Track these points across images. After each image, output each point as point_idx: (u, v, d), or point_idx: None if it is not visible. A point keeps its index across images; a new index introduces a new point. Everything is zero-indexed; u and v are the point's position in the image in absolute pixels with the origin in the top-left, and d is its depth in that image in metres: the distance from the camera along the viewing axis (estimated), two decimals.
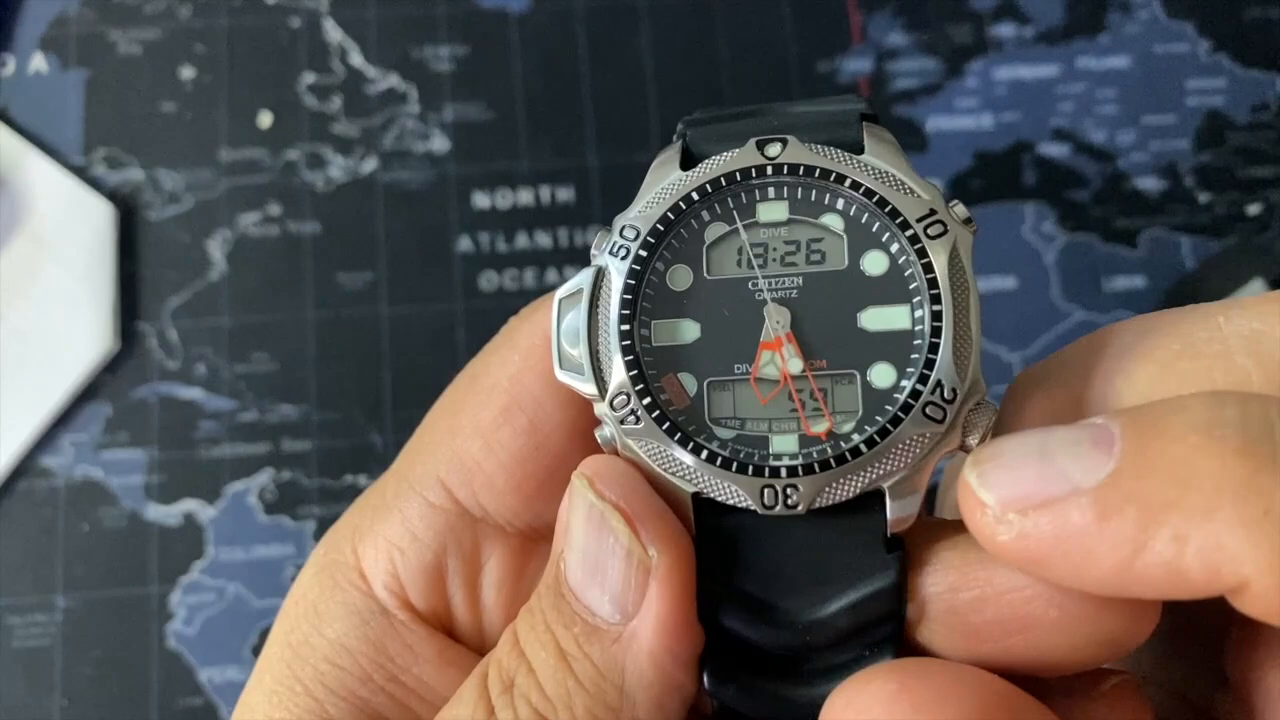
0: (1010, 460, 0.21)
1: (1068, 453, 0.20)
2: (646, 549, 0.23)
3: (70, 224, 0.56)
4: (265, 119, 0.59)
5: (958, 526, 0.23)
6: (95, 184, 0.57)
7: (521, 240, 0.58)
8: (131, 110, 0.59)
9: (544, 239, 0.58)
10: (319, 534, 0.54)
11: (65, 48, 0.59)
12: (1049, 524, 0.20)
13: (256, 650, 0.52)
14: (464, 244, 0.58)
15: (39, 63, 0.59)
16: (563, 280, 0.57)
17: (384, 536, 0.27)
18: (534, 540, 0.27)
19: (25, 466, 0.54)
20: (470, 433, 0.26)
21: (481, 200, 0.58)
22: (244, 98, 0.59)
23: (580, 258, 0.58)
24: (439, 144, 0.59)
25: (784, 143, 0.24)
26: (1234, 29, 0.62)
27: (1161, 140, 0.60)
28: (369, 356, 0.56)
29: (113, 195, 0.57)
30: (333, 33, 0.60)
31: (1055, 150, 0.60)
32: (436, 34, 0.60)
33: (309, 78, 0.59)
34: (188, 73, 0.59)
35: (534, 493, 0.26)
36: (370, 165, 0.58)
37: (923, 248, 0.23)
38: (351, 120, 0.59)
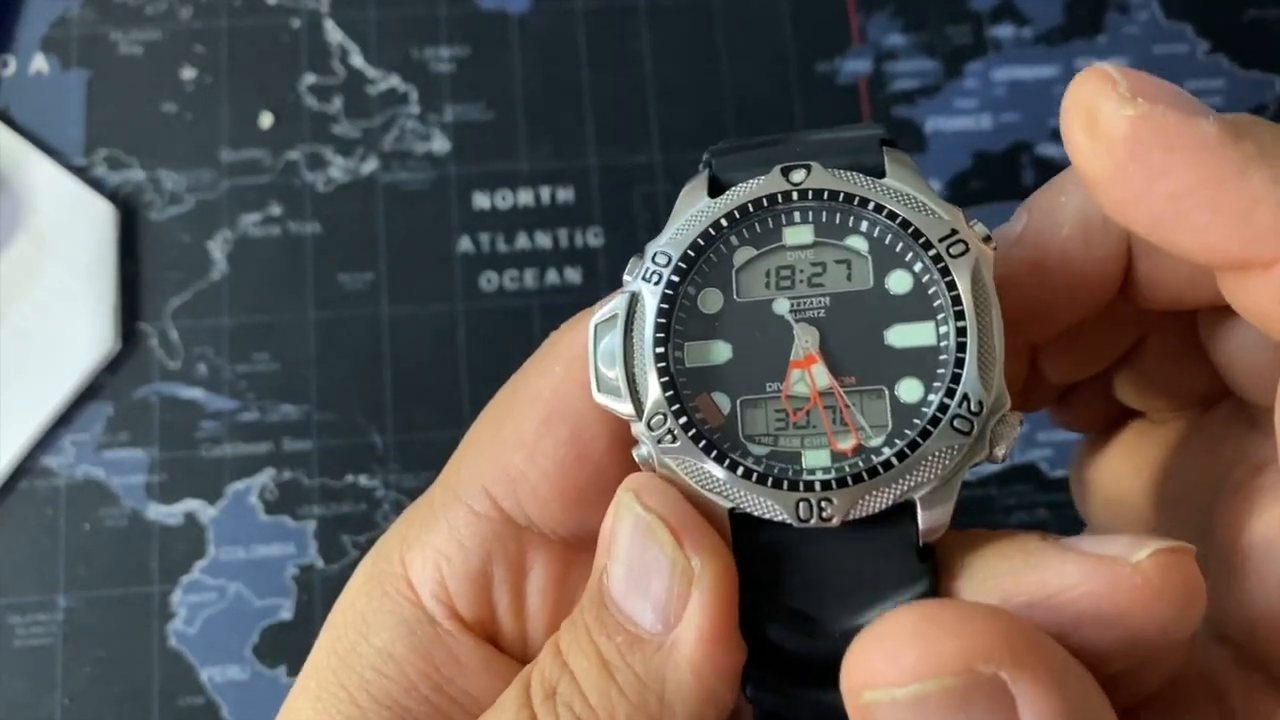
0: (1151, 78, 0.22)
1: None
2: (690, 559, 0.23)
3: (71, 224, 0.56)
4: (266, 120, 0.59)
5: (997, 537, 0.24)
6: (96, 184, 0.57)
7: (522, 241, 0.58)
8: (132, 111, 0.59)
9: (544, 239, 0.58)
10: (320, 534, 0.54)
11: (66, 48, 0.59)
12: (1176, 121, 0.21)
13: (258, 650, 0.52)
14: (464, 244, 0.58)
15: (40, 63, 0.59)
16: (562, 281, 0.57)
17: (431, 546, 0.27)
18: (577, 549, 0.27)
19: (26, 466, 0.54)
20: (514, 443, 0.26)
21: (482, 201, 0.58)
22: (245, 98, 0.59)
23: (580, 258, 0.58)
24: (439, 145, 0.59)
25: (808, 169, 0.25)
26: (1233, 30, 0.62)
27: None
28: (369, 356, 0.56)
29: (114, 196, 0.57)
30: (333, 34, 0.60)
31: (1054, 151, 0.60)
32: (437, 35, 0.60)
33: (309, 78, 0.60)
34: (188, 73, 0.59)
35: (576, 501, 0.26)
36: (371, 166, 0.58)
37: (945, 266, 0.24)
38: (352, 121, 0.59)
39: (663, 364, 0.24)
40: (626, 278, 0.26)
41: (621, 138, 0.59)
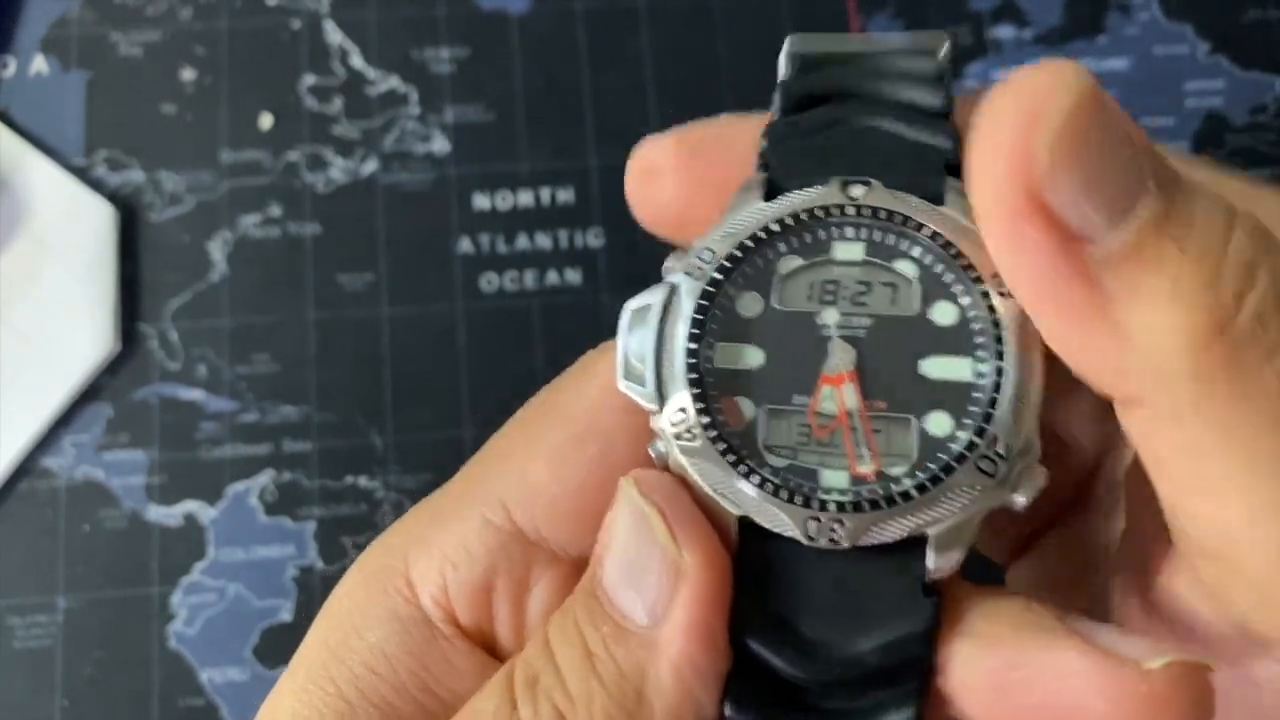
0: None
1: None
2: (681, 552, 0.23)
3: (71, 225, 0.56)
4: (266, 121, 0.59)
5: (1012, 600, 0.23)
6: (96, 185, 0.57)
7: (522, 241, 0.58)
8: (132, 112, 0.59)
9: (544, 240, 0.58)
10: (319, 534, 0.54)
11: (66, 49, 0.59)
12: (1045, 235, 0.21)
13: (258, 651, 0.52)
14: (464, 245, 0.58)
15: (40, 64, 0.59)
16: (563, 282, 0.57)
17: (438, 549, 0.27)
18: (583, 569, 0.27)
19: (26, 467, 0.54)
20: (541, 455, 0.26)
21: (482, 201, 0.58)
22: (245, 99, 0.59)
23: (580, 259, 0.58)
24: (439, 145, 0.59)
25: (868, 185, 0.25)
26: (1233, 31, 0.62)
27: (1161, 141, 0.60)
28: (369, 358, 0.56)
29: (114, 196, 0.57)
30: (333, 34, 0.60)
31: None
32: (437, 36, 0.60)
33: (309, 79, 0.59)
34: (188, 74, 0.59)
35: (593, 522, 0.26)
36: (371, 167, 0.58)
37: (993, 304, 0.23)
38: (352, 122, 0.59)
39: (692, 360, 0.24)
40: (666, 267, 0.25)
41: (621, 138, 0.59)
